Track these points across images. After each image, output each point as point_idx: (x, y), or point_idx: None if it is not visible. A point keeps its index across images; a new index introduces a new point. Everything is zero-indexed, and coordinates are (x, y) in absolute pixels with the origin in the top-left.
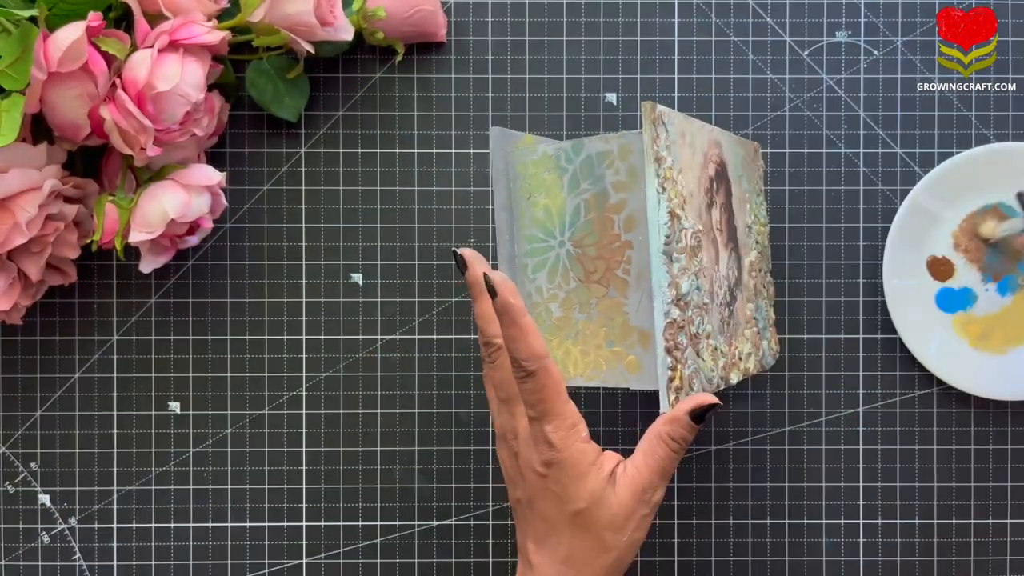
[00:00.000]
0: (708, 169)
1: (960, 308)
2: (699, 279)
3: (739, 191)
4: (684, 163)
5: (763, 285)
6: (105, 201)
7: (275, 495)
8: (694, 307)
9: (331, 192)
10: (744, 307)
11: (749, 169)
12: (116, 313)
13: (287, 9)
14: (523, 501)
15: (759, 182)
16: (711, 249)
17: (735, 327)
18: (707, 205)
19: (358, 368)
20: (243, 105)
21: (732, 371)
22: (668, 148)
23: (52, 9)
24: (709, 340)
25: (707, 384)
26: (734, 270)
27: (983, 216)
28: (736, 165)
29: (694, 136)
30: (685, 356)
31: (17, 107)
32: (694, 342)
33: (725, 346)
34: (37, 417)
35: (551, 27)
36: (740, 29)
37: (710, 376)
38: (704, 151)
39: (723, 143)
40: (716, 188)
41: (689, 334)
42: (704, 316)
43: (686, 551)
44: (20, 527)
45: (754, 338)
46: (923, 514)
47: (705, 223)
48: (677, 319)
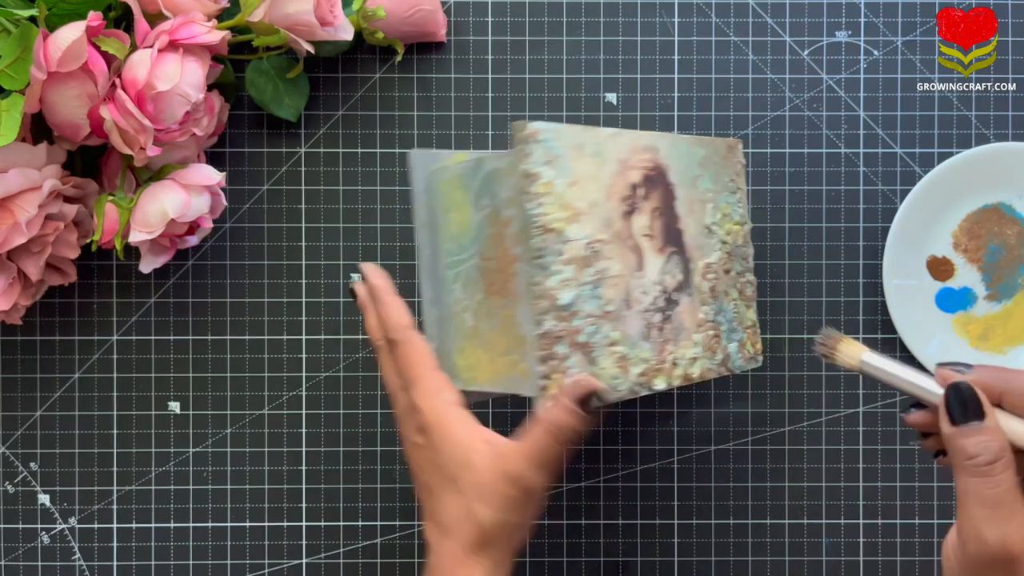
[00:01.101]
0: (628, 176)
1: (960, 308)
2: (600, 288)
3: (693, 193)
4: (581, 174)
5: (733, 287)
6: (105, 201)
7: (275, 495)
8: (585, 316)
9: (331, 192)
10: (694, 311)
11: (716, 168)
12: (116, 313)
13: (287, 9)
14: (415, 481)
15: (735, 180)
16: (629, 256)
17: (676, 332)
18: (624, 213)
19: (358, 368)
20: (243, 105)
21: (657, 377)
22: (549, 163)
23: (52, 9)
24: (614, 348)
25: (607, 389)
26: (675, 275)
27: (843, 343)
28: (688, 167)
29: (601, 146)
30: (566, 365)
31: (17, 107)
32: (584, 350)
33: (649, 352)
34: (37, 417)
35: (551, 27)
36: (740, 29)
37: (612, 383)
38: (621, 159)
39: (661, 147)
40: (644, 194)
41: (573, 343)
42: (606, 324)
43: (686, 551)
44: (20, 527)
45: (708, 342)
46: (923, 514)
47: (619, 231)
48: (553, 330)
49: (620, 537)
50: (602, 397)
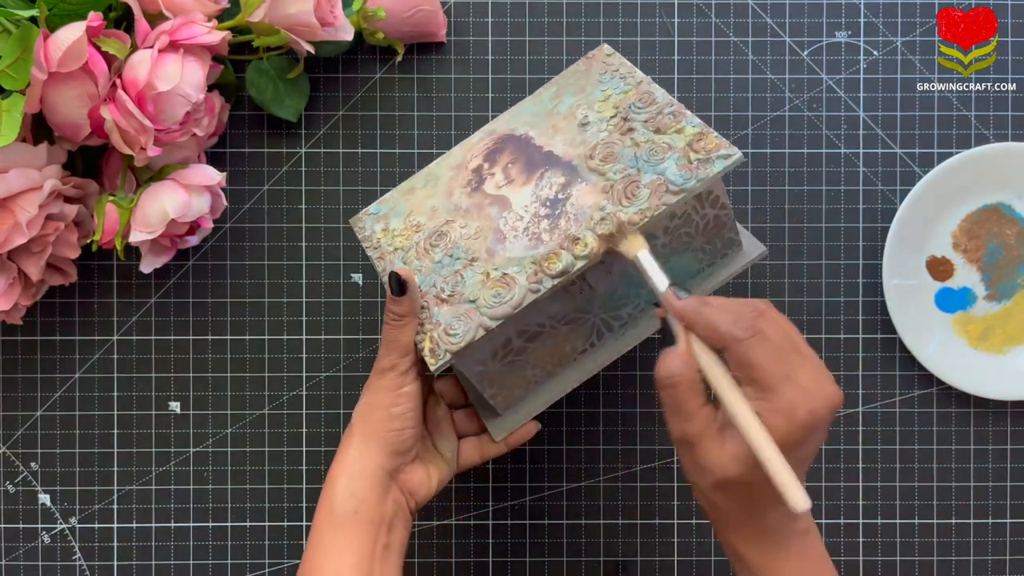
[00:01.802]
0: (469, 166)
1: (960, 308)
2: (457, 250)
3: (553, 120)
4: (416, 203)
5: (642, 134)
6: (105, 201)
7: (275, 495)
8: (444, 277)
9: (331, 192)
10: (593, 188)
11: (575, 84)
12: (116, 313)
13: (287, 9)
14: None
15: (606, 72)
16: (489, 209)
17: (577, 215)
18: (471, 191)
19: (358, 368)
20: (243, 105)
21: (552, 262)
22: (378, 221)
23: (52, 9)
24: (489, 276)
25: (489, 310)
26: (551, 183)
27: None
28: (538, 111)
29: (430, 175)
30: (435, 321)
31: (17, 107)
32: (450, 301)
33: (540, 255)
34: (37, 417)
35: (551, 27)
36: (740, 29)
37: (492, 302)
38: (455, 164)
39: (498, 126)
40: (488, 166)
41: (439, 300)
42: (471, 268)
43: (686, 551)
44: (20, 527)
45: (623, 191)
46: (923, 514)
47: (473, 203)
48: (424, 308)
49: (620, 537)
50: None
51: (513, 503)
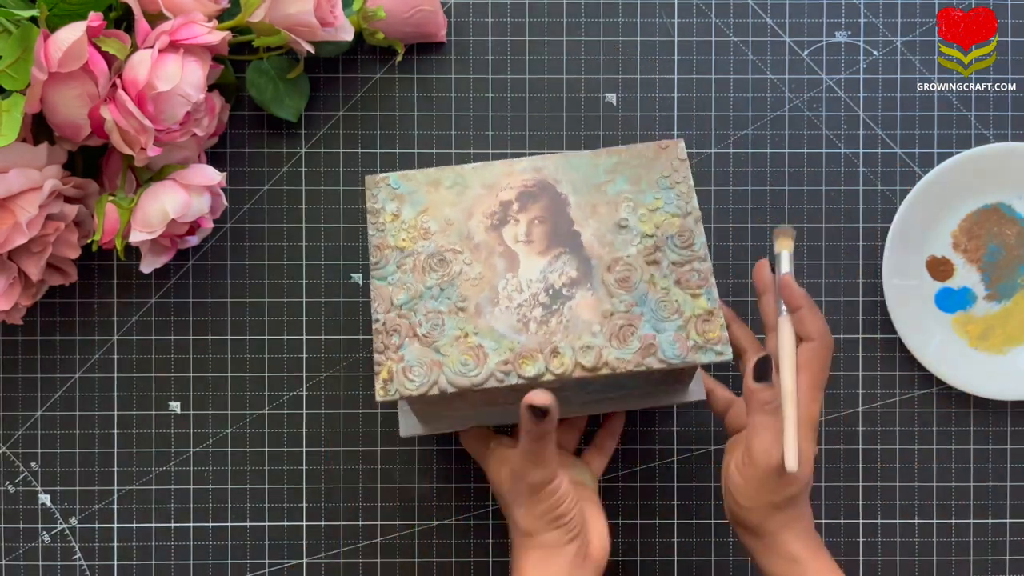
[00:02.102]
0: (501, 195)
1: (960, 308)
2: (451, 288)
3: (596, 198)
4: (436, 203)
5: (665, 277)
6: (105, 201)
7: (275, 495)
8: (426, 312)
9: (331, 192)
10: (595, 304)
11: (634, 170)
12: (116, 313)
13: (287, 9)
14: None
15: (669, 176)
16: (496, 261)
17: (569, 324)
18: (490, 226)
19: (358, 368)
20: (243, 105)
21: (526, 363)
22: (395, 200)
23: (52, 9)
24: (467, 339)
25: (453, 376)
26: (564, 272)
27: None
28: (589, 176)
29: (462, 178)
30: (400, 354)
31: (18, 107)
32: (424, 341)
33: (522, 343)
34: (37, 417)
35: (551, 27)
36: (740, 29)
37: (461, 369)
38: (488, 184)
39: (546, 166)
40: (518, 208)
41: (411, 334)
42: (456, 319)
43: (686, 551)
44: (20, 527)
45: (617, 332)
46: (923, 514)
47: (484, 242)
48: (387, 324)
49: (620, 537)
50: (546, 407)
51: None
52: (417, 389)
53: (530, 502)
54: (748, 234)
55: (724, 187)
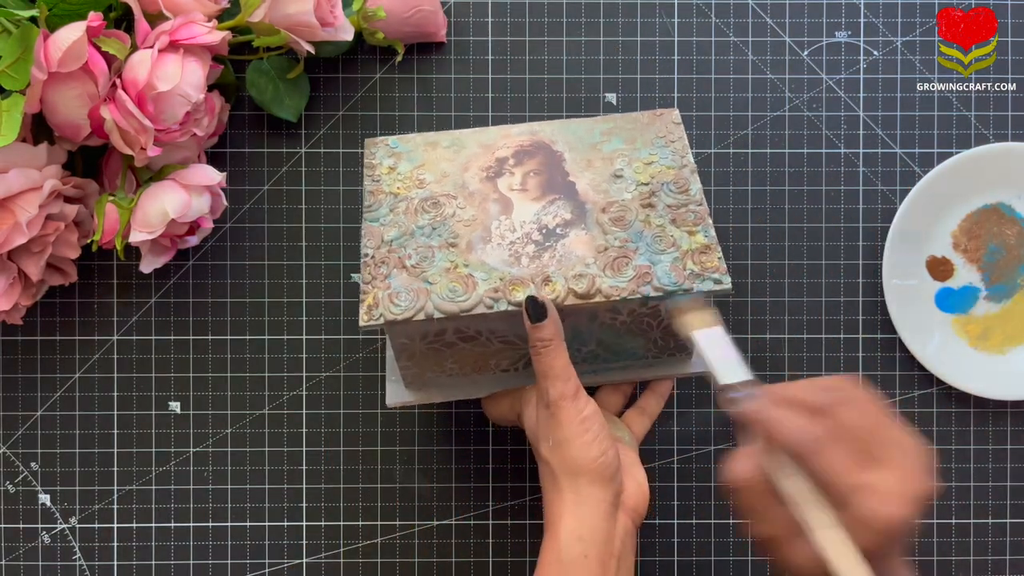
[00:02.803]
0: (497, 153)
1: (959, 308)
2: (444, 227)
3: (592, 154)
4: (432, 159)
5: (660, 216)
6: (105, 201)
7: (275, 495)
8: (416, 247)
9: (331, 192)
10: (589, 241)
11: (629, 132)
12: (116, 313)
13: (287, 9)
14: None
15: (664, 136)
16: (487, 205)
17: (562, 258)
18: (485, 178)
19: (358, 368)
20: (243, 105)
21: (516, 289)
22: (392, 156)
23: (52, 9)
24: (456, 270)
25: (441, 301)
26: (557, 214)
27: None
28: (583, 137)
29: (459, 140)
30: (388, 281)
31: (17, 107)
32: (412, 272)
33: (513, 273)
34: (37, 417)
35: (551, 27)
36: (740, 29)
37: (447, 295)
38: (485, 143)
39: (544, 129)
40: (513, 163)
41: (399, 266)
42: (443, 252)
43: (686, 551)
44: (20, 527)
45: (611, 262)
46: (923, 514)
47: (477, 190)
48: (375, 258)
49: None
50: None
51: (513, 503)
52: (403, 313)
53: (554, 426)
54: (748, 234)
55: (724, 187)
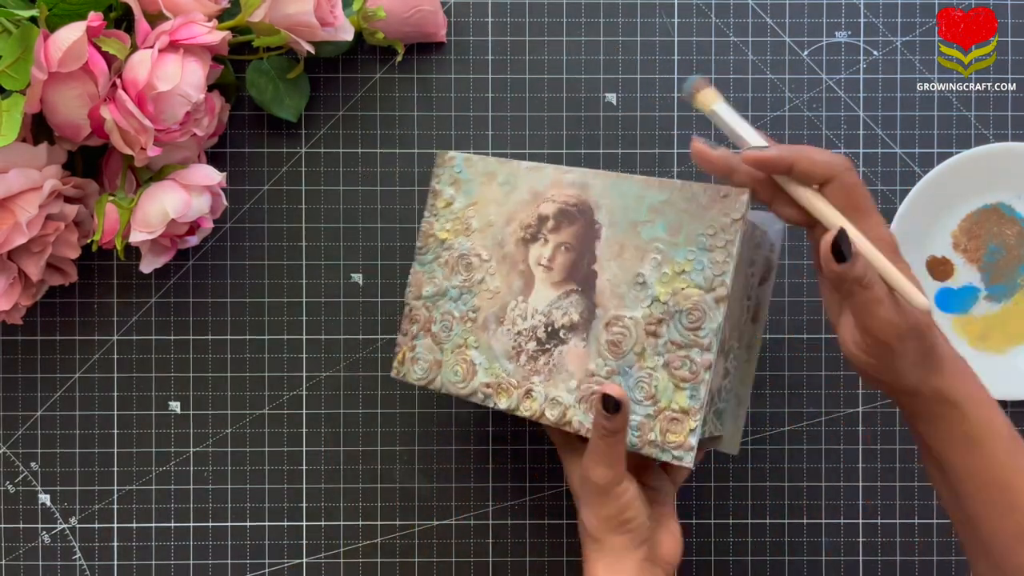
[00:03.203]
0: (541, 207)
1: (960, 308)
2: (468, 295)
3: (629, 238)
4: (485, 198)
5: (658, 354)
6: (105, 201)
7: (275, 495)
8: (443, 312)
9: (331, 192)
10: (583, 358)
11: (680, 217)
12: (116, 313)
13: (287, 9)
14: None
15: (714, 236)
16: (514, 279)
17: (553, 368)
18: (521, 239)
19: (358, 368)
20: (243, 105)
21: (501, 395)
22: (453, 184)
23: (52, 9)
24: (465, 349)
25: (447, 381)
26: (568, 313)
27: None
28: (630, 209)
29: (514, 177)
30: (414, 343)
31: (17, 107)
32: (434, 339)
33: (507, 372)
34: (37, 417)
35: (551, 27)
36: (740, 29)
37: (452, 378)
38: (536, 190)
39: (595, 185)
40: (553, 226)
41: (426, 329)
42: (464, 327)
43: (686, 551)
44: (20, 527)
45: (589, 396)
46: (923, 514)
47: (510, 254)
48: (412, 311)
49: None
50: (621, 403)
51: (513, 503)
52: (419, 381)
53: (595, 503)
54: None
55: None
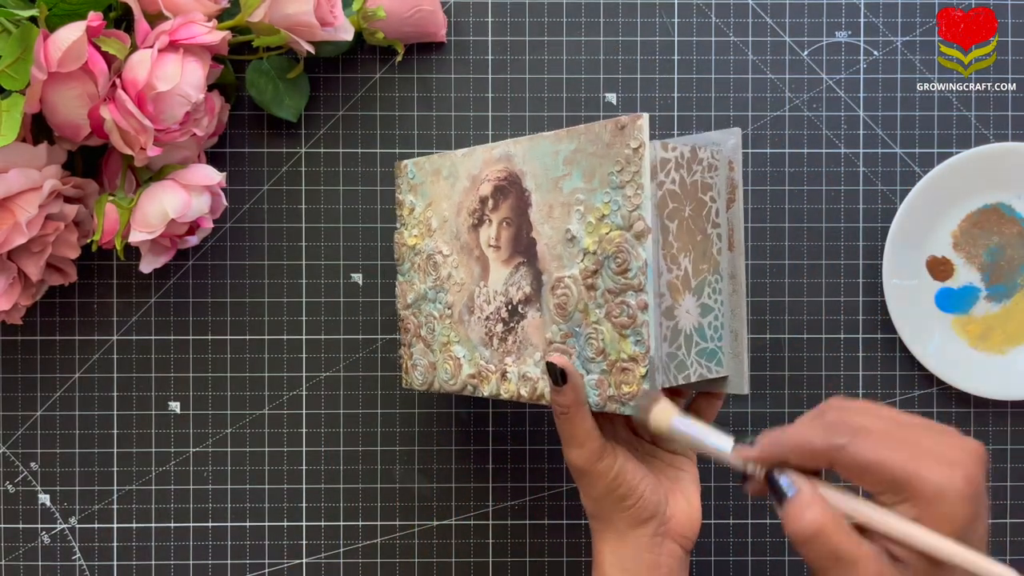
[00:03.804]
0: (480, 190)
1: (960, 308)
2: (442, 293)
3: (555, 196)
4: (437, 196)
5: (599, 307)
6: (105, 201)
7: (275, 495)
8: (426, 315)
9: (331, 192)
10: (541, 328)
11: (589, 161)
12: (116, 313)
13: (287, 9)
14: None
15: (620, 172)
16: (473, 266)
17: (521, 345)
18: (472, 225)
19: (358, 368)
20: (243, 105)
21: (483, 383)
22: (412, 190)
23: (52, 9)
24: (449, 347)
25: (441, 382)
26: (521, 286)
27: (659, 408)
28: (549, 168)
29: (455, 167)
30: (411, 351)
31: (17, 107)
32: (425, 342)
33: (486, 358)
34: (37, 417)
35: (551, 27)
36: (740, 29)
37: (444, 376)
38: (473, 174)
39: (517, 153)
40: (492, 205)
41: (417, 335)
42: (443, 325)
43: None
44: (20, 527)
45: (562, 362)
46: None
47: (466, 243)
48: (404, 320)
49: None
50: (566, 373)
51: (513, 503)
52: (421, 386)
53: (583, 484)
54: (748, 234)
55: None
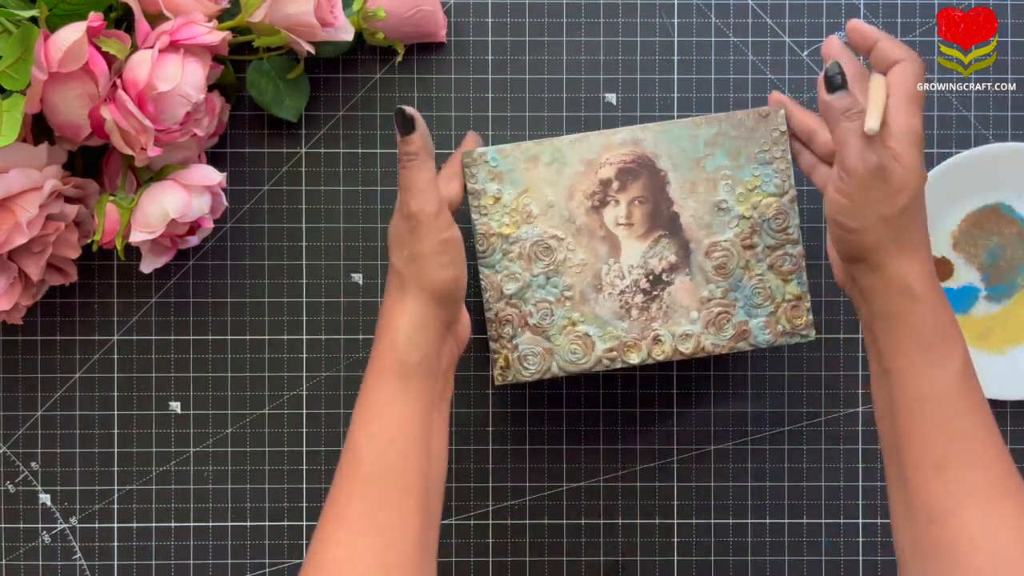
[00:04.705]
0: (600, 173)
1: (960, 308)
2: (556, 277)
3: (696, 174)
4: (535, 182)
5: (760, 261)
6: (106, 201)
7: (275, 495)
8: (537, 302)
9: (331, 192)
10: (694, 289)
11: (734, 143)
12: (117, 313)
13: (287, 9)
14: None
15: (769, 149)
16: (598, 246)
17: (668, 310)
18: (591, 208)
19: (358, 368)
20: (243, 105)
21: (631, 352)
22: (494, 180)
23: (53, 9)
24: (574, 327)
25: (564, 363)
26: (664, 257)
27: None
28: (688, 149)
29: (560, 153)
30: (514, 343)
31: (18, 107)
32: (535, 331)
33: (624, 330)
34: (37, 417)
35: (551, 27)
36: (740, 29)
37: (571, 358)
38: (587, 160)
39: (646, 138)
40: (618, 187)
41: (523, 324)
42: (563, 308)
43: (686, 551)
44: (20, 527)
45: (713, 318)
46: None
47: (585, 225)
48: (499, 314)
49: (620, 537)
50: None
51: (513, 503)
52: (532, 376)
53: (410, 236)
54: None
55: None
